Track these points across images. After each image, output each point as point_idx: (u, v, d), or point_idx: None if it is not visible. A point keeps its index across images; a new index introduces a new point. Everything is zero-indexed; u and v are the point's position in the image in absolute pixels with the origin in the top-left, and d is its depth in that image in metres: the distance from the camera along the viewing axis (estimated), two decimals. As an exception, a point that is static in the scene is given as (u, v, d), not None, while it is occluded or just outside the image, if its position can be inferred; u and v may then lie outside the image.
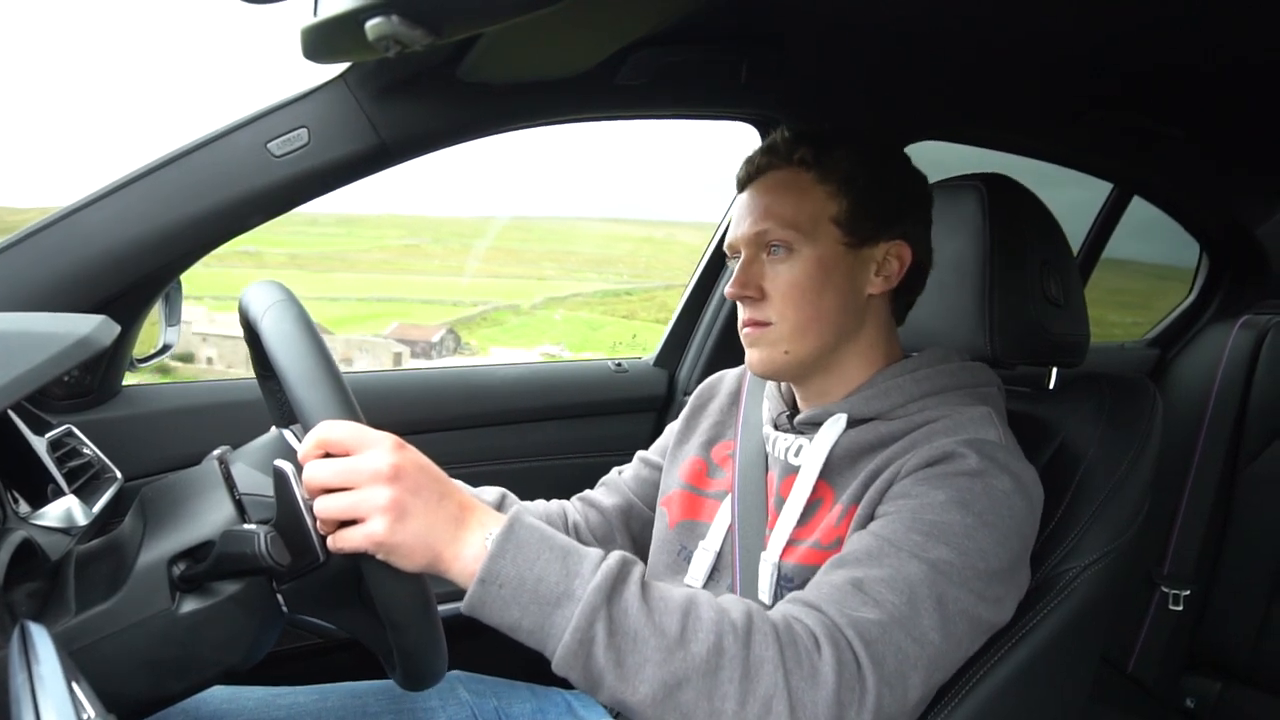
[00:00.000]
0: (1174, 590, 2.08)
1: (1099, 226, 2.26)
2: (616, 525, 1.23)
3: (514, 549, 0.75)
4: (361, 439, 0.73)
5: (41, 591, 0.78)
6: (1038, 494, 0.95)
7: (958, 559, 0.84)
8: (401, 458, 0.74)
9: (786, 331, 1.01)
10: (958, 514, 0.86)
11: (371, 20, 0.78)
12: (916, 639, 0.81)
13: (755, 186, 1.05)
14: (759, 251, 1.02)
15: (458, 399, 1.57)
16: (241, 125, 1.15)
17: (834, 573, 0.86)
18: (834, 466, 1.00)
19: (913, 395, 1.01)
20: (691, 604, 0.78)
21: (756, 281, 1.02)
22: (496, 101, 1.25)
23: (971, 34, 1.30)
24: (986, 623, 0.88)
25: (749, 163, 1.07)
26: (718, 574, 1.07)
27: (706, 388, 1.26)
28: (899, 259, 1.03)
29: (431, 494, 0.75)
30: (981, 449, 0.91)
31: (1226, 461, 2.09)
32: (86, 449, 1.11)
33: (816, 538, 0.97)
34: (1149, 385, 1.10)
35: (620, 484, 1.27)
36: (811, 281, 1.00)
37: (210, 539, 0.78)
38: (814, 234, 1.00)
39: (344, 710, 1.06)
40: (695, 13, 1.16)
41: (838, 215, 1.01)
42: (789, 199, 1.01)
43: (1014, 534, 0.89)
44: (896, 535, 0.86)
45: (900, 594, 0.81)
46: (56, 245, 1.10)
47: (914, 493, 0.89)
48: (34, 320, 0.77)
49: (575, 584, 0.75)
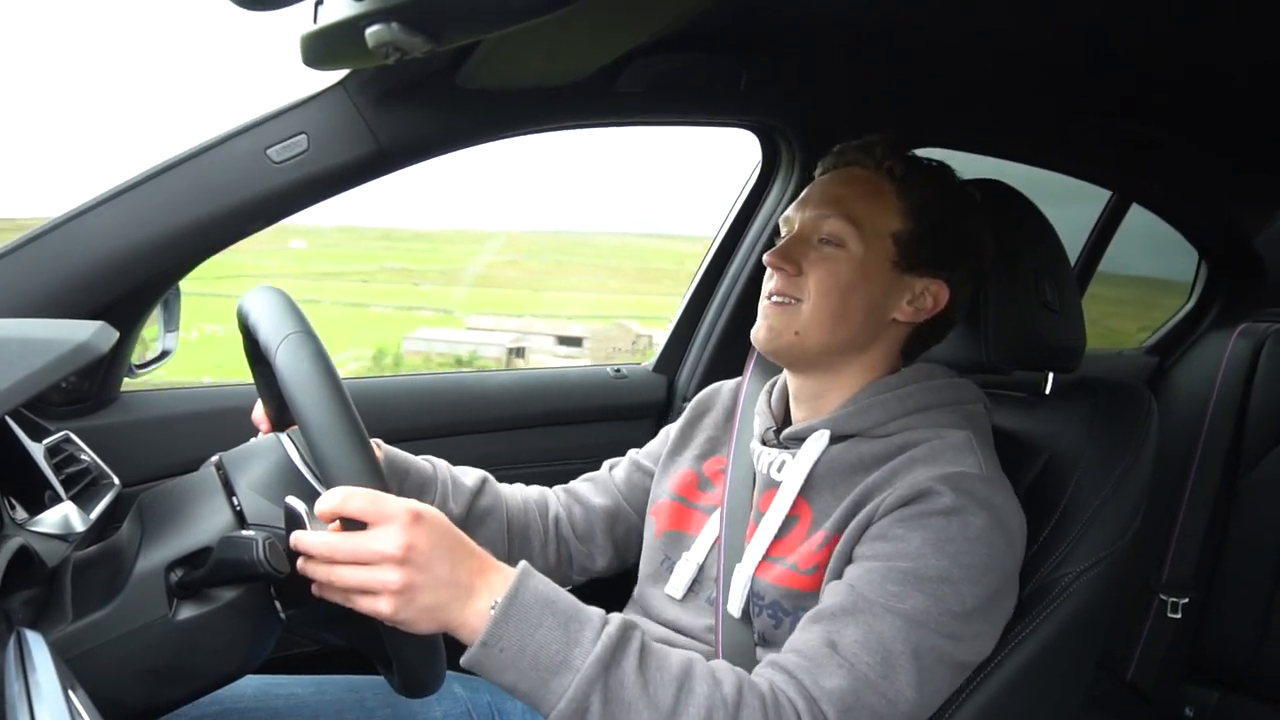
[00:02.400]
0: (1172, 598, 2.07)
1: (1097, 234, 2.26)
2: (600, 526, 1.23)
3: (517, 614, 0.76)
4: (379, 512, 0.73)
5: (38, 598, 0.78)
6: (1018, 523, 0.96)
7: (933, 605, 0.87)
8: (414, 535, 0.73)
9: (807, 314, 1.02)
10: (933, 558, 0.88)
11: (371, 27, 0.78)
12: (891, 699, 0.83)
13: (835, 176, 1.07)
14: (812, 235, 1.03)
15: (456, 405, 1.57)
16: (241, 131, 1.15)
17: (811, 629, 0.88)
18: (815, 484, 1.01)
19: (895, 413, 1.01)
20: (687, 675, 0.80)
21: (798, 259, 1.03)
22: (495, 108, 1.25)
23: (971, 41, 1.30)
24: (964, 664, 0.92)
25: (838, 154, 1.08)
26: (699, 586, 1.08)
27: (704, 399, 1.26)
28: (935, 298, 1.04)
29: (443, 567, 0.75)
30: (959, 484, 0.91)
31: (1225, 469, 2.08)
32: (84, 455, 1.11)
33: (794, 560, 0.98)
34: (1144, 391, 1.10)
35: (610, 485, 1.27)
36: (849, 279, 1.01)
37: (208, 545, 0.78)
38: (870, 239, 1.02)
39: (341, 704, 1.07)
40: (695, 20, 1.16)
41: (899, 233, 1.02)
42: (863, 197, 1.03)
43: (992, 570, 0.90)
44: (871, 588, 0.88)
45: (874, 654, 0.84)
46: (55, 251, 1.10)
47: (890, 535, 0.91)
48: (32, 326, 0.77)
49: (575, 653, 0.76)
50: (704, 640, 1.04)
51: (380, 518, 0.73)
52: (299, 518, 0.76)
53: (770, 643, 0.99)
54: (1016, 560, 0.95)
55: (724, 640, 1.01)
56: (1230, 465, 2.09)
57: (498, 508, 1.17)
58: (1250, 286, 2.32)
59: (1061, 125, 1.69)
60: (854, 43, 1.32)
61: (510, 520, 1.18)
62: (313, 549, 0.74)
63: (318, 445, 0.75)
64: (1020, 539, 0.96)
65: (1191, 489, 2.11)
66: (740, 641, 1.00)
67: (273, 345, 0.79)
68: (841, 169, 1.07)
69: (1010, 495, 0.96)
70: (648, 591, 1.13)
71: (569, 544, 1.22)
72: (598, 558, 1.23)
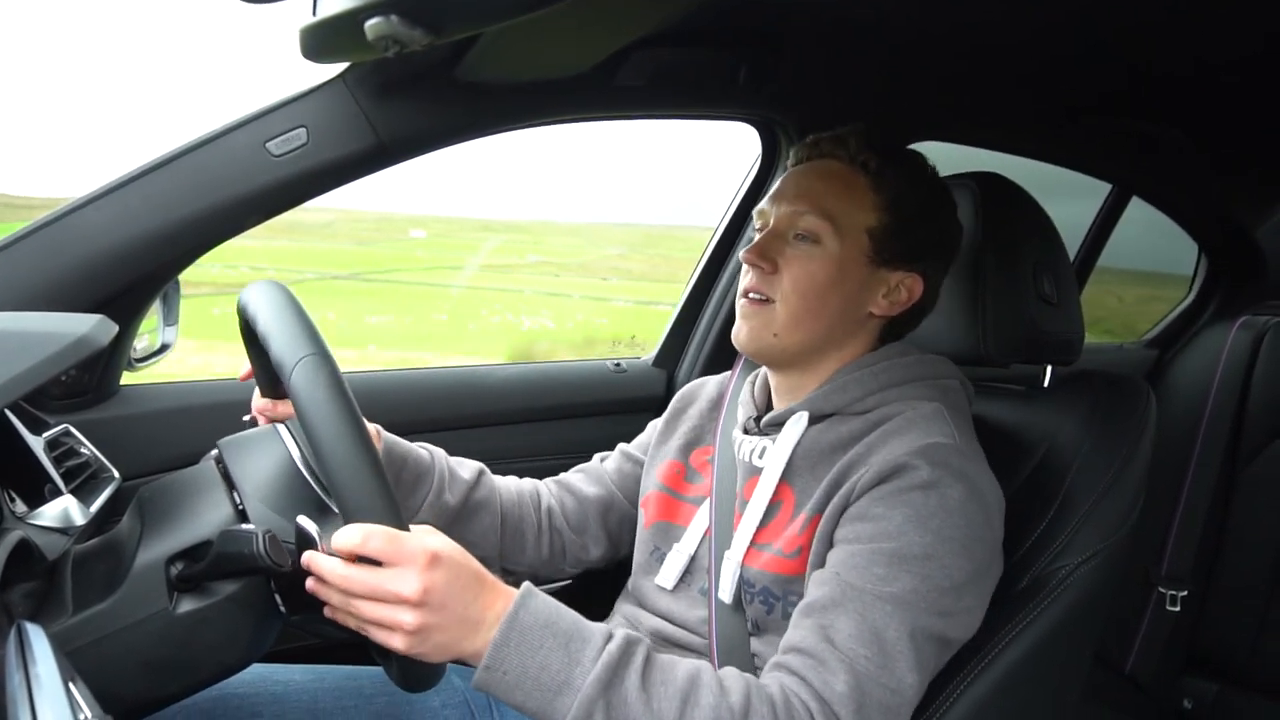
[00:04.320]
0: (1171, 591, 2.08)
1: (1097, 228, 2.26)
2: (593, 516, 1.24)
3: (517, 638, 0.77)
4: (396, 553, 0.73)
5: (38, 591, 0.78)
6: (994, 494, 0.96)
7: (921, 584, 0.87)
8: (431, 579, 0.74)
9: (783, 316, 1.02)
10: (916, 535, 0.88)
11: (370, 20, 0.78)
12: (894, 689, 0.84)
13: (810, 168, 1.06)
14: (787, 230, 1.03)
15: (455, 399, 1.57)
16: (240, 125, 1.15)
17: (804, 624, 0.88)
18: (796, 468, 1.02)
19: (870, 388, 1.02)
20: (693, 687, 0.80)
21: (774, 256, 1.03)
22: (495, 101, 1.25)
23: (970, 35, 1.30)
24: (954, 641, 0.92)
25: (812, 145, 1.07)
26: (690, 576, 1.09)
27: (688, 392, 1.27)
28: (909, 291, 1.04)
29: (458, 606, 0.76)
30: (933, 456, 0.92)
31: (1224, 462, 2.09)
32: (84, 448, 1.11)
33: (779, 545, 0.99)
34: (1142, 384, 1.11)
35: (603, 475, 1.27)
36: (825, 277, 1.01)
37: (208, 539, 0.78)
38: (845, 235, 1.01)
39: (339, 691, 1.07)
40: (693, 14, 1.16)
41: (874, 228, 1.02)
42: (837, 192, 1.02)
43: (973, 541, 0.90)
44: (858, 574, 0.88)
45: (870, 646, 0.84)
46: (55, 244, 1.10)
47: (870, 514, 0.91)
48: (32, 320, 0.77)
49: (575, 673, 0.77)
50: (697, 632, 1.05)
51: (398, 558, 0.74)
52: (310, 538, 0.76)
53: (764, 630, 0.99)
54: (995, 532, 0.95)
55: (718, 631, 1.01)
56: (1230, 458, 2.09)
57: (492, 501, 1.18)
58: (1250, 279, 2.32)
59: (1060, 119, 1.69)
60: (851, 36, 1.32)
61: (504, 513, 1.19)
62: (329, 577, 0.74)
63: (335, 478, 0.74)
64: (998, 510, 0.96)
65: (1191, 482, 2.11)
66: (734, 632, 1.00)
67: (287, 365, 0.77)
68: (816, 161, 1.06)
69: (985, 467, 0.97)
70: (640, 583, 1.14)
71: (563, 535, 1.23)
72: (591, 548, 1.24)
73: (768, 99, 1.47)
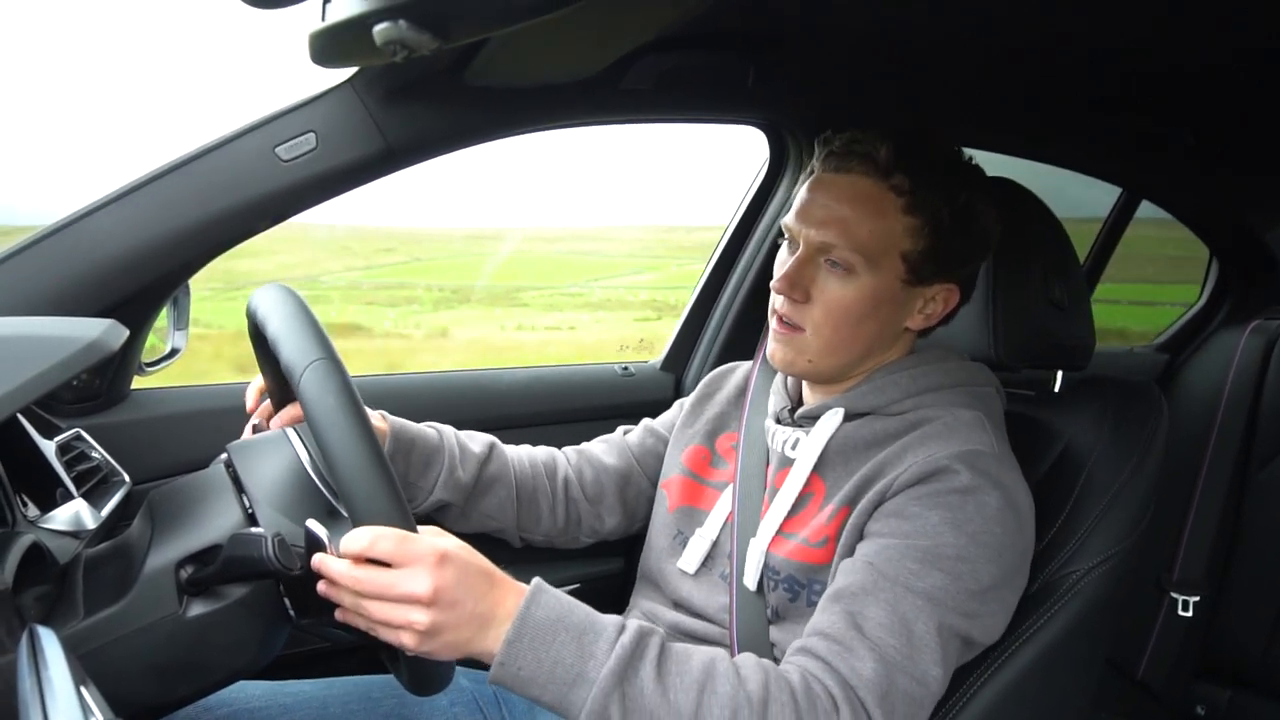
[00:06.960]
0: (1183, 596, 2.06)
1: (1107, 230, 2.25)
2: (610, 487, 1.23)
3: (530, 633, 0.77)
4: (406, 554, 0.74)
5: (50, 595, 0.78)
6: (1027, 505, 0.96)
7: (951, 584, 0.87)
8: (440, 578, 0.75)
9: (817, 345, 1.01)
10: (950, 535, 0.89)
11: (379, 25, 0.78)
12: (919, 680, 0.84)
13: (838, 185, 0.99)
14: (817, 255, 0.99)
15: (463, 402, 1.57)
16: (249, 130, 1.16)
17: (832, 609, 0.88)
18: (828, 460, 1.02)
19: (909, 391, 1.02)
20: (709, 676, 0.80)
21: (805, 285, 1.00)
22: (503, 106, 1.26)
23: (978, 37, 1.30)
24: (976, 644, 0.92)
25: (843, 154, 1.00)
26: (712, 561, 1.09)
27: (716, 377, 1.27)
28: (945, 301, 1.03)
29: (468, 604, 0.76)
30: (973, 463, 0.92)
31: (1237, 467, 2.07)
32: (95, 452, 1.11)
33: (806, 534, 0.99)
34: (1154, 389, 1.10)
35: (625, 447, 1.27)
36: (859, 308, 0.99)
37: (218, 543, 0.79)
38: (879, 263, 0.98)
39: (349, 698, 1.08)
40: (701, 17, 1.16)
41: (909, 252, 0.99)
42: (868, 219, 0.97)
43: (1006, 549, 0.91)
44: (891, 565, 0.88)
45: (899, 635, 0.84)
46: (65, 250, 1.11)
47: (907, 512, 0.91)
48: (43, 324, 0.77)
49: (589, 666, 0.77)
50: (716, 621, 1.04)
51: (408, 559, 0.74)
52: (320, 542, 0.76)
53: (784, 618, 0.99)
54: (1027, 541, 0.95)
55: (738, 617, 1.01)
56: (1242, 463, 2.07)
57: (505, 474, 1.18)
58: (1262, 284, 2.30)
59: (1070, 121, 1.69)
60: (860, 39, 1.32)
61: (519, 485, 1.18)
62: (339, 579, 0.75)
63: (344, 482, 0.75)
64: (1029, 520, 0.96)
65: (1203, 487, 2.09)
66: (753, 618, 1.00)
67: (296, 370, 0.78)
68: (843, 175, 0.99)
69: (1020, 476, 0.97)
70: (662, 567, 1.14)
71: (578, 505, 1.23)
72: (607, 519, 1.24)
73: (775, 102, 1.47)
